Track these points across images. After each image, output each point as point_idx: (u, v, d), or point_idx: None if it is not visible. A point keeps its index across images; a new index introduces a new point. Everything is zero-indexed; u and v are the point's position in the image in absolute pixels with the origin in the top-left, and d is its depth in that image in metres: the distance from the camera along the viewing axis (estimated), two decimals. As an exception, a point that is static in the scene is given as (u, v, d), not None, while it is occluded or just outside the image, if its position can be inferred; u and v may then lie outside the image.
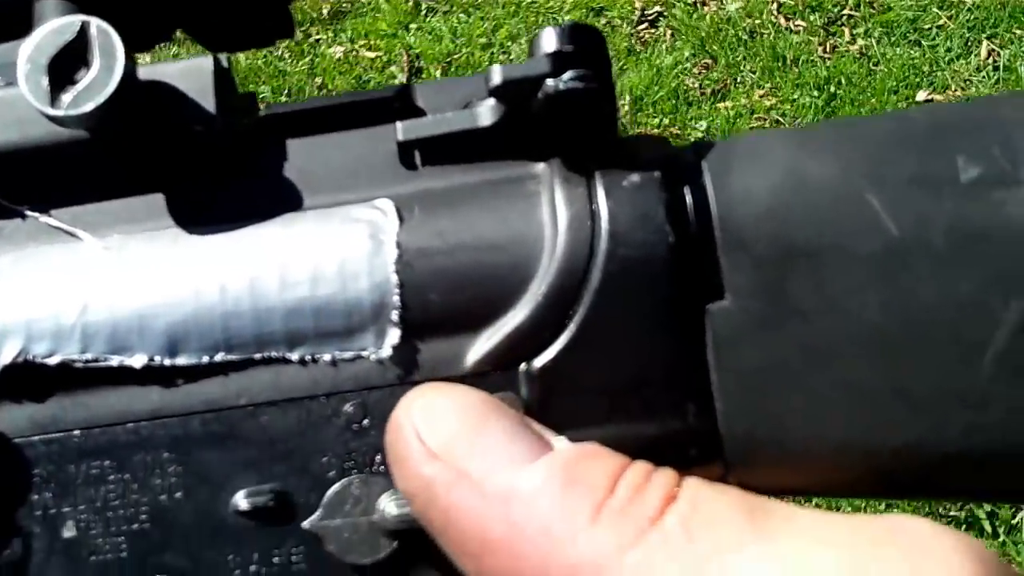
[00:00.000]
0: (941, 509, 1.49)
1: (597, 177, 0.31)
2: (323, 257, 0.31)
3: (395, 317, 0.31)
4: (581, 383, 0.30)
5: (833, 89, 2.00)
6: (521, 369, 0.31)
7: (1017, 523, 1.54)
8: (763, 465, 0.31)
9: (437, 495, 0.28)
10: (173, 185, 0.32)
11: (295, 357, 0.31)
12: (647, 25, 2.07)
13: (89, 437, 0.31)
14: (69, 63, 0.30)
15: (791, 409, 0.30)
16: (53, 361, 0.31)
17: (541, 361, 0.30)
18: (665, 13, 2.08)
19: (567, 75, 0.30)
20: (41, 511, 0.31)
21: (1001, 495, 0.34)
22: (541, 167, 0.32)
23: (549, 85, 0.30)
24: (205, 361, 0.31)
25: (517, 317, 0.31)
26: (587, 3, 2.15)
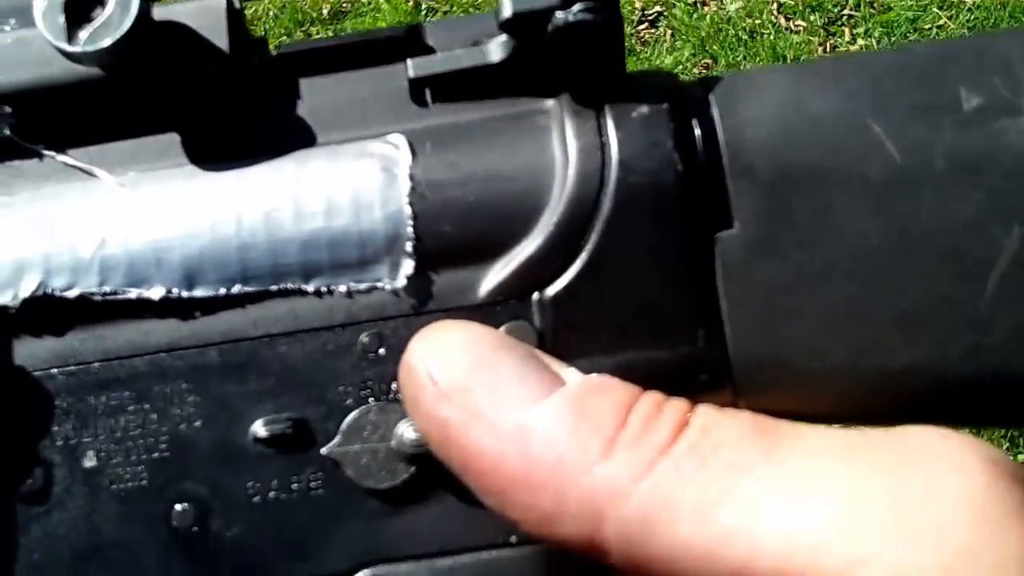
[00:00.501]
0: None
1: (606, 110, 0.32)
2: (337, 190, 0.31)
3: (409, 248, 0.31)
4: (593, 311, 0.31)
5: (833, 88, 2.01)
6: (534, 298, 0.31)
7: None
8: (771, 389, 0.31)
9: (452, 435, 0.28)
10: (187, 123, 0.33)
11: (311, 288, 0.31)
12: (647, 25, 2.07)
13: (108, 369, 0.31)
14: (85, 1, 0.31)
15: (798, 332, 0.31)
16: (72, 294, 0.31)
17: (554, 290, 0.31)
18: (665, 13, 2.09)
19: (576, 7, 0.30)
20: (62, 442, 0.31)
21: (1005, 419, 0.34)
22: (551, 102, 0.32)
23: (559, 17, 0.30)
24: (222, 293, 0.31)
25: (530, 247, 0.31)
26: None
